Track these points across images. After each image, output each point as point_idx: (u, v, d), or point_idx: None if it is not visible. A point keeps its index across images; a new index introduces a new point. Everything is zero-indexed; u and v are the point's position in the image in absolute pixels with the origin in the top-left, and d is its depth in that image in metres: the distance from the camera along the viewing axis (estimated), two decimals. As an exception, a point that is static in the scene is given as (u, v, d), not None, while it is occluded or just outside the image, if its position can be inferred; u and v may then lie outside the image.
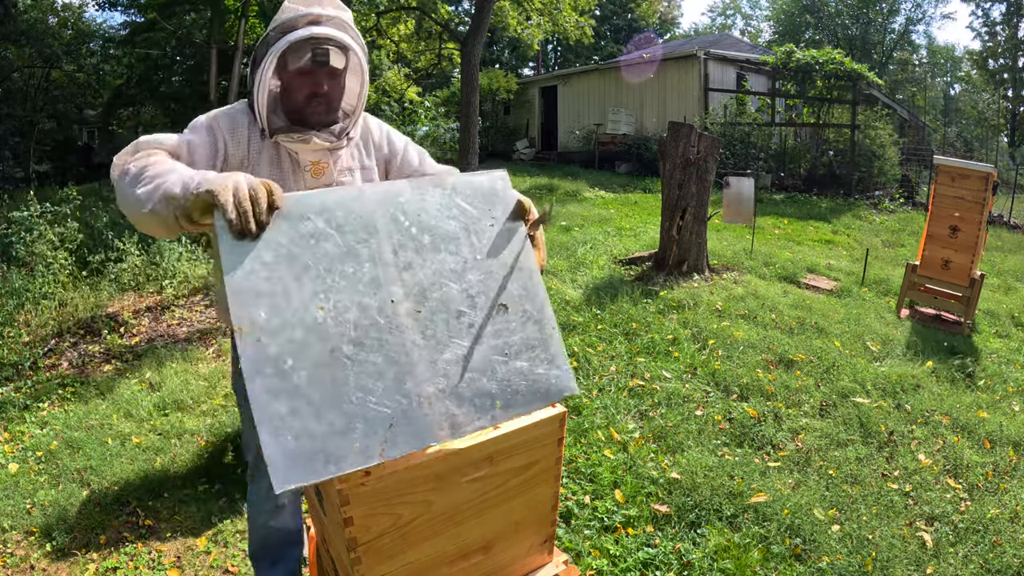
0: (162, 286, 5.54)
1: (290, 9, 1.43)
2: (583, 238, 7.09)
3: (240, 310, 0.90)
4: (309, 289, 0.94)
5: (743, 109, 13.63)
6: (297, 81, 1.45)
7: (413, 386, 0.96)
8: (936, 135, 19.24)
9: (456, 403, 0.99)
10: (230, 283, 0.90)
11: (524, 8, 12.06)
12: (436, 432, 0.96)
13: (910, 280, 5.10)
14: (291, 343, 0.91)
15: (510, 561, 1.25)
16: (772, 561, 2.26)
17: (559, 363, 1.09)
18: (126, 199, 1.18)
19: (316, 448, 0.88)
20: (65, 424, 3.27)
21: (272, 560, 1.84)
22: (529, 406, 1.06)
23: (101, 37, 20.92)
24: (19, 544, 2.37)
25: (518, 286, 1.09)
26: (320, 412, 0.89)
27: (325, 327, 0.94)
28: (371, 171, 1.64)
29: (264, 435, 0.86)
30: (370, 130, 1.65)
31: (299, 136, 1.47)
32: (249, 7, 11.80)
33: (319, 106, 1.47)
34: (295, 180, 1.53)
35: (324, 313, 0.94)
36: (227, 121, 1.48)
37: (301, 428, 0.87)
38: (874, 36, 31.71)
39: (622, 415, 3.24)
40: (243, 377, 1.66)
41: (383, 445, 0.92)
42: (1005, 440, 3.13)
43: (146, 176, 1.15)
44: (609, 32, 32.00)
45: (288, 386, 0.89)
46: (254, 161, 1.49)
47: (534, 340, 1.07)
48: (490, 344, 1.03)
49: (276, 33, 1.41)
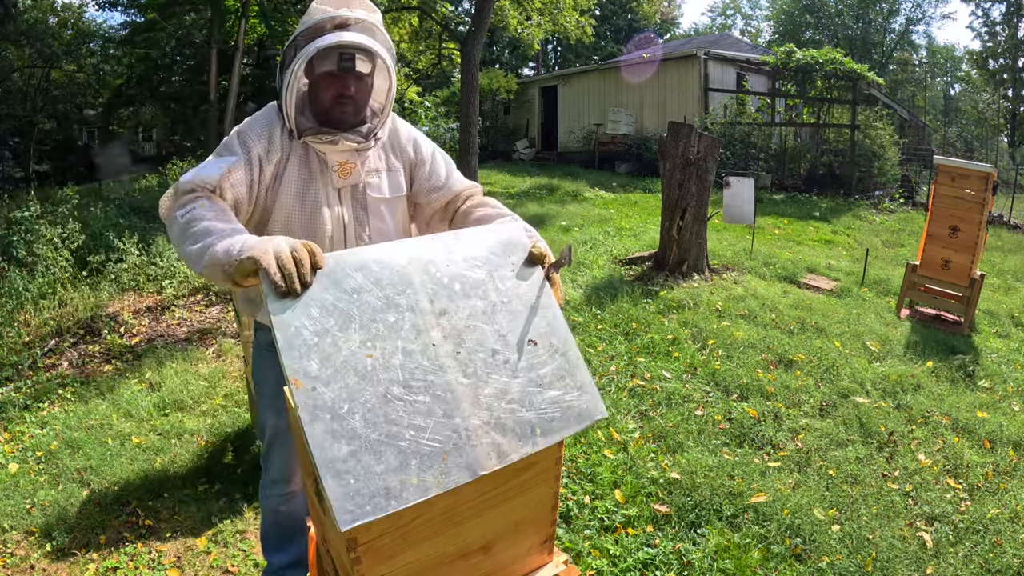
0: (162, 286, 5.54)
1: (318, 11, 1.43)
2: (583, 238, 7.09)
3: (294, 363, 0.97)
4: (356, 339, 1.03)
5: (743, 109, 13.63)
6: (324, 82, 1.47)
7: (460, 421, 1.04)
8: (936, 135, 19.23)
9: (500, 433, 1.06)
10: (282, 340, 0.98)
11: (524, 8, 12.06)
12: (485, 462, 1.03)
13: (910, 280, 5.10)
14: (345, 389, 0.98)
15: (510, 561, 1.25)
16: (772, 561, 2.26)
17: (588, 389, 1.17)
18: (180, 252, 1.28)
19: (377, 487, 0.93)
20: (65, 424, 3.27)
21: (279, 545, 1.87)
22: (564, 431, 1.12)
23: (101, 37, 20.92)
24: (19, 544, 2.37)
25: (544, 323, 1.18)
26: (378, 452, 0.95)
27: (375, 373, 1.01)
28: (397, 173, 1.63)
29: (328, 479, 0.91)
30: (398, 131, 1.65)
31: (327, 137, 1.47)
32: (249, 7, 11.80)
33: (346, 107, 1.48)
34: (323, 180, 1.53)
35: (373, 360, 1.02)
36: (259, 128, 1.50)
37: (361, 469, 0.93)
38: (874, 36, 31.72)
39: (622, 415, 3.24)
40: (259, 367, 1.65)
41: (439, 477, 0.98)
42: (1005, 440, 3.13)
43: (192, 232, 1.25)
44: (609, 32, 32.00)
45: (346, 429, 0.95)
46: (286, 160, 1.51)
47: (563, 370, 1.16)
48: (526, 377, 1.12)
49: (304, 38, 1.42)
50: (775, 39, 33.95)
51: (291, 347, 0.98)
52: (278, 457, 1.74)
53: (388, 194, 1.61)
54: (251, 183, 1.46)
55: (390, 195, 1.61)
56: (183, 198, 1.35)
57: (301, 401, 0.95)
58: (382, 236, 1.60)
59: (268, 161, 1.49)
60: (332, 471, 0.92)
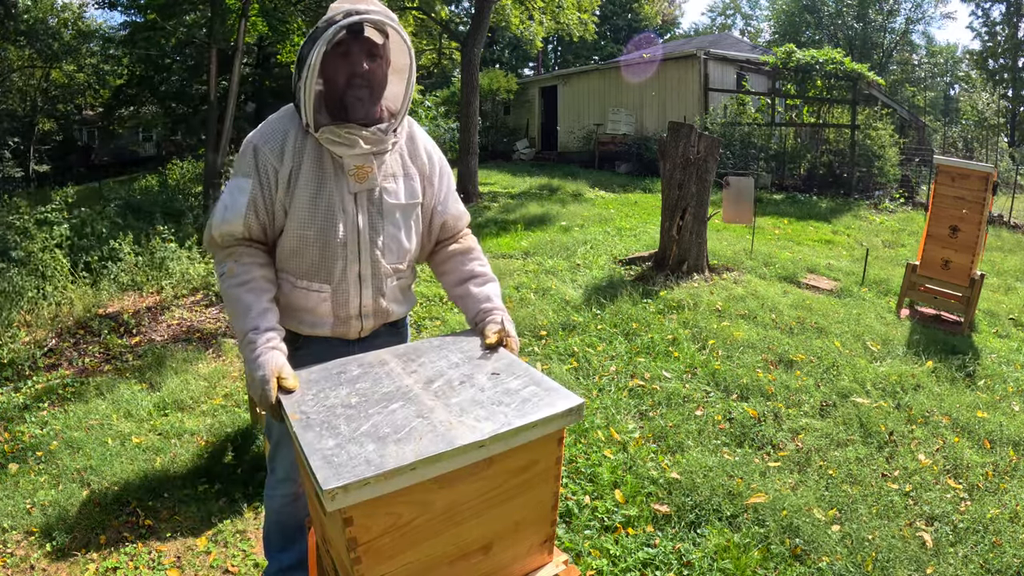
0: (162, 286, 5.54)
1: (333, 8, 1.46)
2: (583, 238, 7.09)
3: (292, 408, 1.20)
4: (344, 391, 1.26)
5: (743, 109, 13.62)
6: (337, 64, 1.46)
7: (435, 417, 1.15)
8: (936, 135, 19.21)
9: (475, 420, 1.13)
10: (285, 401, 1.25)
11: (526, 7, 12.04)
12: (462, 437, 1.08)
13: (910, 280, 5.09)
14: (332, 414, 1.17)
15: (510, 561, 1.25)
16: (772, 561, 2.26)
17: (558, 388, 1.25)
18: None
19: (359, 460, 1.02)
20: (65, 424, 3.28)
21: (283, 545, 1.87)
22: (538, 413, 1.16)
23: (101, 37, 20.91)
24: (19, 544, 2.37)
25: (503, 364, 1.36)
26: (360, 442, 1.07)
27: (360, 404, 1.20)
28: (413, 179, 1.62)
29: (315, 461, 1.02)
30: (415, 137, 1.65)
31: (345, 133, 1.45)
32: (250, 6, 11.79)
33: (360, 89, 1.47)
34: (337, 184, 1.51)
35: (358, 399, 1.22)
36: (273, 136, 1.50)
37: (345, 454, 1.04)
38: (874, 36, 31.71)
39: (622, 415, 3.24)
40: None
41: (417, 449, 1.05)
42: (1005, 440, 3.13)
43: (227, 297, 1.51)
44: (609, 32, 31.98)
45: (333, 431, 1.11)
46: (298, 165, 1.50)
47: (530, 382, 1.27)
48: (493, 391, 1.24)
49: (321, 27, 1.43)
50: (775, 39, 33.94)
51: (290, 401, 1.23)
52: (285, 457, 1.75)
53: (404, 200, 1.59)
54: (268, 206, 1.52)
55: (406, 201, 1.60)
56: (219, 254, 1.55)
57: (297, 427, 1.12)
58: (396, 243, 1.59)
59: (281, 172, 1.49)
60: (319, 456, 1.03)
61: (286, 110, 1.55)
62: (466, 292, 1.65)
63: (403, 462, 1.01)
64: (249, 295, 1.47)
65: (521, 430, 1.12)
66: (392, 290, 1.63)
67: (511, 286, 5.32)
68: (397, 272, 1.63)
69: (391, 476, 1.00)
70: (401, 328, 1.76)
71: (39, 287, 4.98)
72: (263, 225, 1.53)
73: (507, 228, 8.05)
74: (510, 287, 5.30)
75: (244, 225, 1.50)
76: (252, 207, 1.50)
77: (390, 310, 1.65)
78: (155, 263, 5.85)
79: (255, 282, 1.49)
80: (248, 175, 1.50)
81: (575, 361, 3.88)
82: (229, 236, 1.51)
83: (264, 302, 1.47)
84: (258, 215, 1.51)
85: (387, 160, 1.56)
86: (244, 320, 1.44)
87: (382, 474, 0.99)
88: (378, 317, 1.63)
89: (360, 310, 1.59)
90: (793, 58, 12.74)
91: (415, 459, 1.02)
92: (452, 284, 1.71)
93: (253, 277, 1.49)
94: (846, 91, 12.82)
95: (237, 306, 1.46)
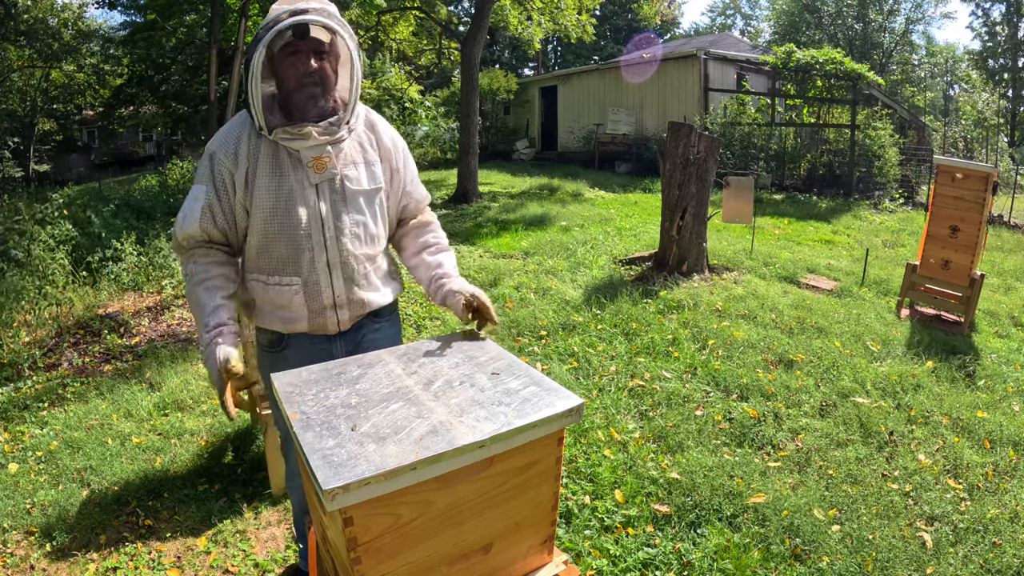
0: (162, 286, 5.54)
1: (275, 10, 1.49)
2: (583, 238, 7.09)
3: (292, 408, 1.20)
4: (344, 391, 1.26)
5: (743, 109, 13.62)
6: (285, 65, 1.49)
7: (435, 418, 1.15)
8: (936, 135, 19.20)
9: (475, 420, 1.14)
10: (282, 395, 1.26)
11: (525, 8, 12.04)
12: (463, 437, 1.09)
13: (910, 280, 5.09)
14: (333, 414, 1.17)
15: (510, 561, 1.25)
16: (772, 561, 2.26)
17: (559, 388, 1.25)
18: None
19: (360, 460, 1.03)
20: (65, 424, 3.28)
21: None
22: (539, 414, 1.16)
23: (101, 37, 20.92)
24: (19, 544, 2.37)
25: (503, 365, 1.37)
26: (361, 443, 1.07)
27: (360, 404, 1.21)
28: (373, 164, 1.64)
29: (315, 460, 1.02)
30: (375, 124, 1.67)
31: (297, 130, 1.48)
32: (250, 6, 11.79)
33: (311, 87, 1.50)
34: (296, 179, 1.53)
35: (358, 399, 1.22)
36: (227, 141, 1.54)
37: (345, 453, 1.04)
38: (874, 36, 31.70)
39: (622, 415, 3.24)
40: (263, 367, 1.94)
41: (418, 450, 1.05)
42: (1005, 440, 3.13)
43: (190, 297, 1.56)
44: (609, 32, 31.99)
45: (333, 431, 1.11)
46: (254, 164, 1.52)
47: (530, 383, 1.28)
48: (493, 391, 1.24)
49: (263, 30, 1.46)
50: (775, 39, 33.92)
51: (290, 401, 1.22)
52: (294, 448, 1.78)
53: (367, 186, 1.62)
54: (225, 210, 1.55)
55: (369, 187, 1.62)
56: (182, 257, 1.60)
57: (296, 427, 1.13)
58: (363, 229, 1.62)
59: (237, 175, 1.52)
60: (319, 456, 1.03)
61: (241, 114, 1.58)
62: (420, 261, 1.74)
63: (403, 462, 1.01)
64: (205, 294, 1.51)
65: (521, 430, 1.12)
66: (365, 278, 1.64)
67: (511, 286, 5.32)
68: (368, 259, 1.64)
69: (391, 476, 1.00)
70: (387, 319, 1.77)
71: (39, 287, 4.98)
72: (223, 230, 1.57)
73: (507, 228, 8.05)
74: (510, 287, 5.30)
75: (201, 229, 1.54)
76: (208, 212, 1.54)
77: (366, 299, 1.65)
78: (156, 263, 5.86)
79: (211, 280, 1.53)
80: (203, 182, 1.55)
81: (575, 361, 3.88)
82: (190, 239, 1.56)
83: (217, 299, 1.51)
84: (215, 219, 1.55)
85: (345, 148, 1.58)
86: (200, 319, 1.50)
87: (382, 474, 0.99)
88: (354, 308, 1.64)
89: (334, 300, 1.60)
90: (793, 58, 12.74)
91: (415, 459, 1.02)
92: (408, 256, 1.78)
93: (210, 275, 1.54)
94: (846, 91, 12.81)
95: (195, 307, 1.53)
